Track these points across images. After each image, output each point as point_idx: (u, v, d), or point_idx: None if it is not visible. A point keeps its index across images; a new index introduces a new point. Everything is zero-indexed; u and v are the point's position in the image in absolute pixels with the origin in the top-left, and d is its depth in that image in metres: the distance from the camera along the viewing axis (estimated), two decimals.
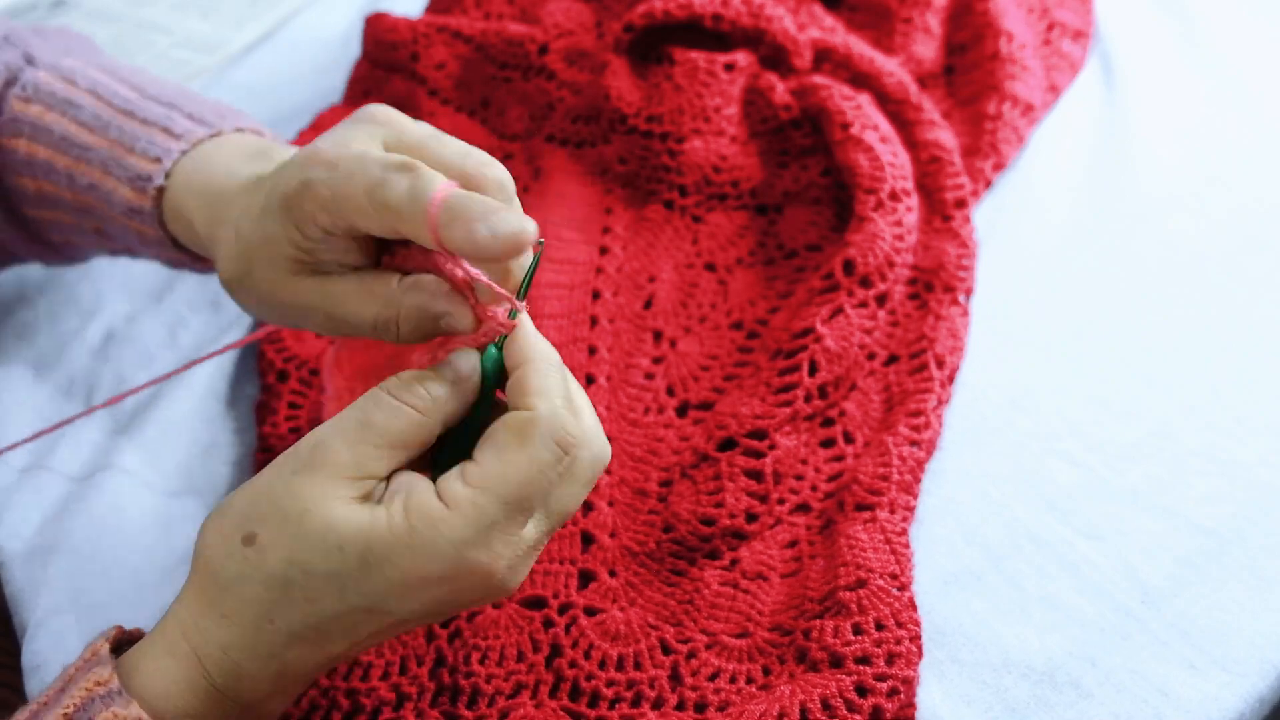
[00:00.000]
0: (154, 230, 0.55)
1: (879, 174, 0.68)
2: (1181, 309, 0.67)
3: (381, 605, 0.40)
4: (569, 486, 0.41)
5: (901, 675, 0.49)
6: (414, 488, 0.40)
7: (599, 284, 0.70)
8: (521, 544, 0.41)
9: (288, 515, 0.39)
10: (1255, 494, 0.58)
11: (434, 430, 0.41)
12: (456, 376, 0.42)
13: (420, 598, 0.40)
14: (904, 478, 0.56)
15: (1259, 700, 0.51)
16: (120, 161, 0.55)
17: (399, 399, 0.41)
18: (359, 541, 0.39)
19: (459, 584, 0.40)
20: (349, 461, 0.40)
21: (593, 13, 0.85)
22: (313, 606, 0.40)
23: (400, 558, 0.39)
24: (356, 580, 0.39)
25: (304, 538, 0.39)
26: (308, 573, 0.39)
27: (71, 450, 0.63)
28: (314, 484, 0.40)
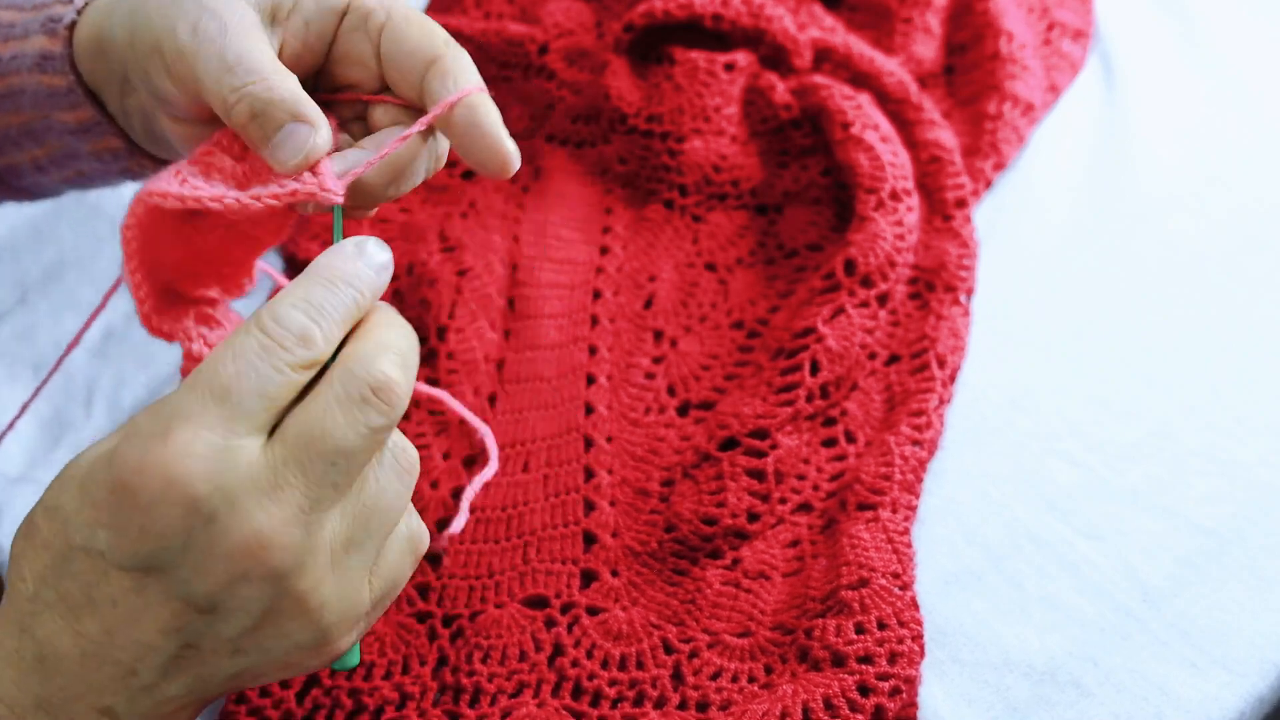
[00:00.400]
0: (64, 78, 0.50)
1: (879, 173, 0.68)
2: (1181, 309, 0.67)
3: (94, 542, 0.35)
4: (317, 402, 0.36)
5: (904, 674, 0.49)
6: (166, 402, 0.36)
7: (599, 283, 0.70)
8: (236, 459, 0.34)
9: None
10: (1255, 494, 0.58)
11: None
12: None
13: (125, 528, 0.34)
14: (906, 477, 0.56)
15: (1259, 700, 0.51)
16: (38, 17, 0.51)
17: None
18: (84, 467, 0.36)
19: (156, 506, 0.34)
20: (141, 415, 0.36)
21: (593, 13, 0.85)
22: (47, 552, 0.36)
23: (101, 473, 0.35)
24: (75, 510, 0.35)
25: (56, 477, 0.37)
26: (45, 509, 0.36)
27: (70, 452, 0.63)
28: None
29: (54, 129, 0.53)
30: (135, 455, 0.34)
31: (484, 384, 0.65)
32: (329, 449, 0.35)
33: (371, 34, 0.43)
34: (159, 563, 0.35)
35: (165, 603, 0.35)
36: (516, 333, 0.67)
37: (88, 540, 0.35)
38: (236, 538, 0.34)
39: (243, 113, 0.40)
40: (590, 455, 0.61)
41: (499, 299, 0.69)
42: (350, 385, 0.35)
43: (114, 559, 0.35)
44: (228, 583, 0.35)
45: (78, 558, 0.35)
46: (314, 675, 0.52)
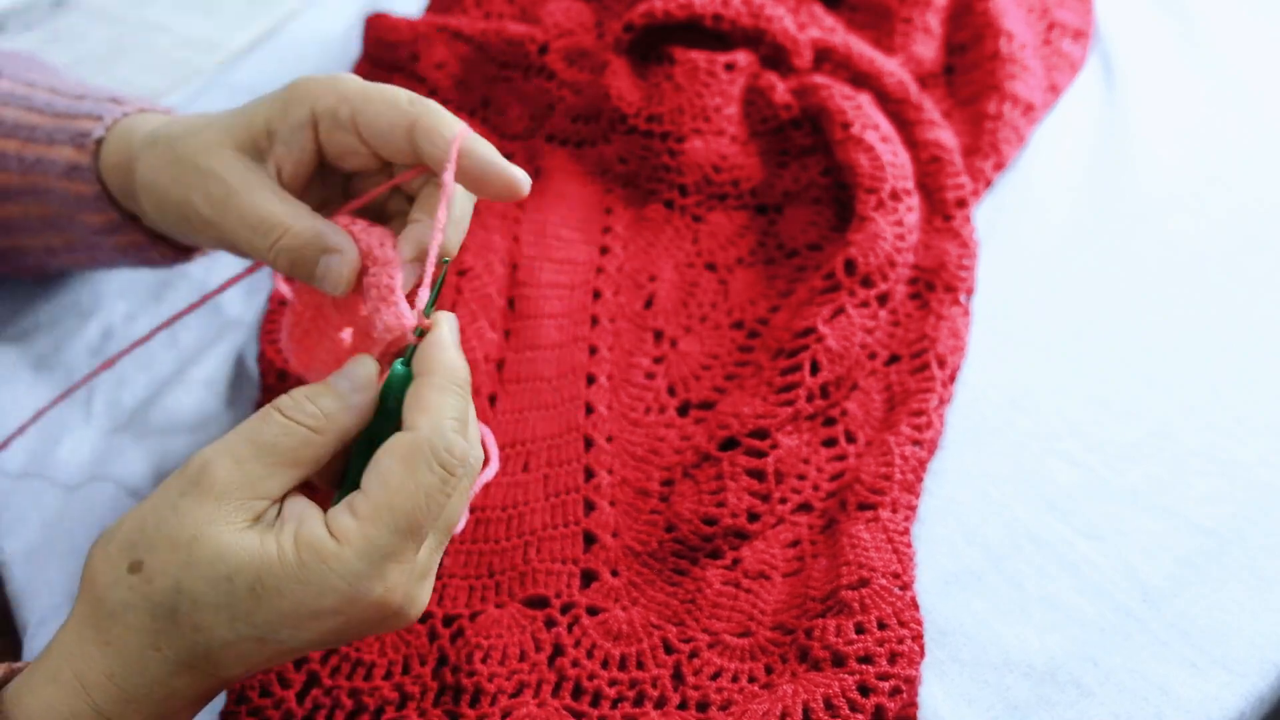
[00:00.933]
0: (90, 186, 0.55)
1: (880, 173, 0.68)
2: (1181, 309, 0.67)
3: (273, 635, 0.39)
4: (456, 501, 0.41)
5: (904, 674, 0.49)
6: (304, 518, 0.40)
7: (599, 283, 0.70)
8: (416, 569, 0.41)
9: (176, 541, 0.38)
10: (1255, 494, 0.58)
11: (329, 447, 0.41)
12: (351, 388, 0.42)
13: (314, 628, 0.39)
14: (906, 477, 0.56)
15: (1259, 699, 0.51)
16: (65, 128, 0.56)
17: (289, 416, 0.40)
18: (249, 572, 0.38)
19: (354, 615, 0.40)
20: (238, 482, 0.39)
21: (593, 12, 0.85)
22: (201, 635, 0.39)
23: (291, 591, 0.38)
24: (247, 611, 0.38)
25: (192, 565, 0.38)
26: (196, 602, 0.38)
27: (70, 452, 0.63)
28: (202, 508, 0.39)
29: (78, 226, 0.57)
30: (348, 589, 0.39)
31: (484, 384, 0.65)
32: (431, 518, 0.41)
33: (349, 128, 0.46)
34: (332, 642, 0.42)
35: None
36: (516, 333, 0.67)
37: (266, 634, 0.39)
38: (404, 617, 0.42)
39: (284, 266, 0.45)
40: (590, 455, 0.61)
41: (499, 299, 0.69)
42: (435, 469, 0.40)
43: (289, 644, 0.40)
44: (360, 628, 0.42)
45: (247, 642, 0.39)
46: (314, 674, 0.52)
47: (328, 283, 0.45)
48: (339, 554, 0.39)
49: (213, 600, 0.38)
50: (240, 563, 0.38)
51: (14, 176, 0.58)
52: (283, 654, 0.41)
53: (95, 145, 0.55)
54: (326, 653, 0.53)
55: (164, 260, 0.60)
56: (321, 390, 0.41)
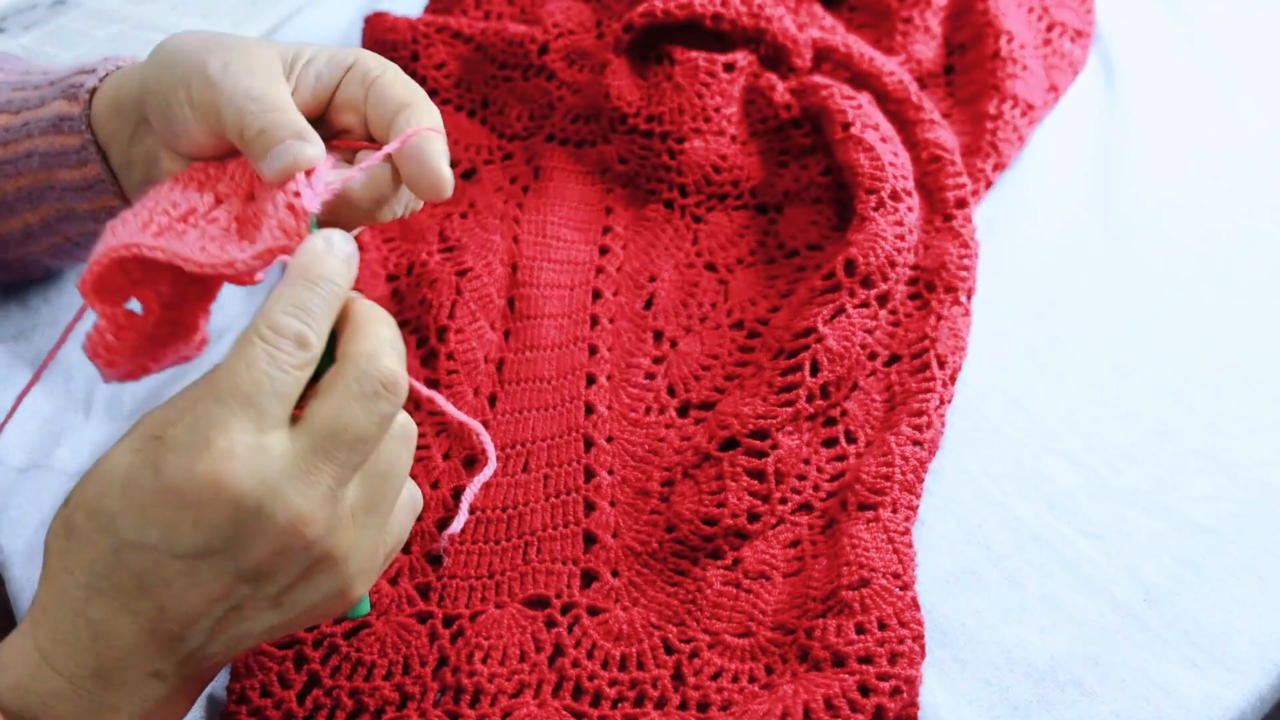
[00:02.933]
0: (79, 136, 0.55)
1: (880, 173, 0.68)
2: (1182, 308, 0.67)
3: (144, 539, 0.39)
4: (334, 397, 0.40)
5: (904, 674, 0.49)
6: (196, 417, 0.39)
7: (599, 284, 0.70)
8: (270, 455, 0.39)
9: (89, 469, 0.40)
10: (1256, 493, 0.58)
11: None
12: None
13: (178, 526, 0.38)
14: (906, 477, 0.56)
15: (1260, 699, 0.51)
16: (57, 86, 0.56)
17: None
18: (120, 472, 0.39)
19: (207, 506, 0.38)
20: (151, 420, 0.41)
21: (593, 12, 0.85)
22: (94, 549, 0.40)
23: (145, 479, 0.39)
24: (120, 512, 0.39)
25: (87, 478, 0.40)
26: (86, 511, 0.40)
27: (70, 452, 0.63)
28: (117, 442, 0.40)
29: (55, 189, 0.57)
30: (183, 464, 0.38)
31: (484, 384, 0.65)
32: (350, 438, 0.40)
33: (366, 85, 0.48)
34: (211, 549, 0.39)
35: (216, 579, 0.40)
36: (516, 333, 0.67)
37: (139, 537, 0.39)
38: (281, 520, 0.39)
39: (253, 128, 0.45)
40: (590, 455, 0.61)
41: (499, 299, 0.69)
42: (364, 383, 0.40)
43: (167, 550, 0.39)
44: (272, 555, 0.40)
45: (130, 550, 0.39)
46: (315, 675, 0.52)
47: (279, 158, 0.45)
48: (173, 431, 0.39)
49: (95, 505, 0.40)
50: (115, 465, 0.40)
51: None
52: (176, 574, 0.40)
53: (89, 95, 0.55)
54: (327, 653, 0.53)
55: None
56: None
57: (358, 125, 0.49)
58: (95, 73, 0.56)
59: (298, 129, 0.45)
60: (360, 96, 0.49)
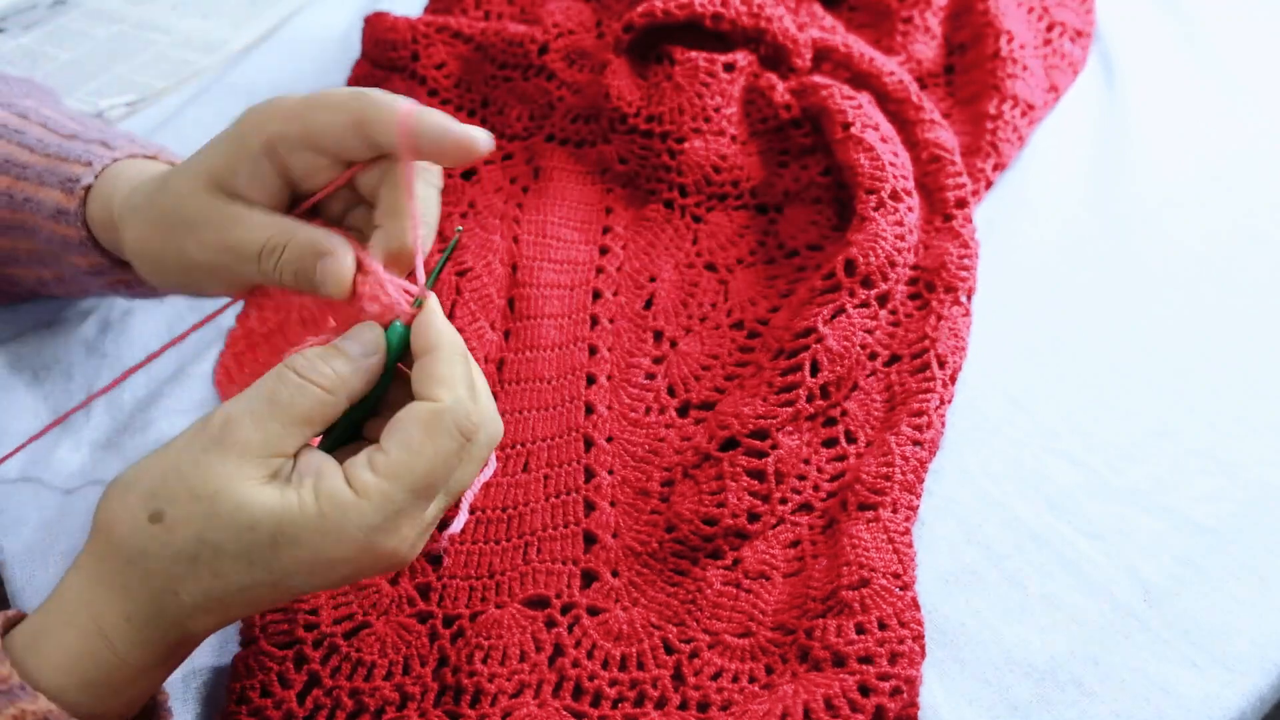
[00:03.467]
0: (76, 231, 0.56)
1: (880, 173, 0.68)
2: (1182, 308, 0.67)
3: (286, 581, 0.41)
4: (467, 467, 0.43)
5: (904, 674, 0.49)
6: (323, 471, 0.41)
7: (599, 284, 0.70)
8: (423, 523, 0.43)
9: (198, 494, 0.40)
10: (1256, 493, 0.58)
11: (340, 407, 0.43)
12: (362, 352, 0.44)
13: (326, 575, 0.42)
14: (906, 477, 0.56)
15: (1260, 699, 0.51)
16: (54, 170, 0.57)
17: (305, 377, 0.42)
18: (270, 522, 0.40)
19: (363, 563, 0.42)
20: (259, 440, 0.41)
21: (593, 12, 0.85)
22: (219, 581, 0.41)
23: (310, 540, 0.40)
24: (266, 559, 0.40)
25: (215, 517, 0.40)
26: (218, 551, 0.40)
27: (70, 451, 0.63)
28: (225, 463, 0.40)
29: (67, 265, 0.59)
30: (363, 539, 0.41)
31: None
32: (463, 488, 0.45)
33: (304, 145, 0.47)
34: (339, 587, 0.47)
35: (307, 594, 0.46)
36: (516, 333, 0.67)
37: (282, 580, 0.41)
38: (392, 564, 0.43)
39: (289, 280, 0.47)
40: (590, 455, 0.61)
41: (499, 299, 0.69)
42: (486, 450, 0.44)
43: (301, 590, 0.42)
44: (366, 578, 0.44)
45: (262, 588, 0.41)
46: (315, 675, 0.52)
47: (329, 284, 0.46)
48: (358, 506, 0.41)
49: (234, 550, 0.40)
50: (261, 514, 0.40)
51: (5, 212, 0.59)
52: (290, 596, 0.43)
53: (84, 192, 0.56)
54: (327, 653, 0.53)
55: (158, 293, 0.62)
56: (333, 353, 0.43)
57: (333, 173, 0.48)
58: (90, 167, 0.56)
59: (315, 246, 0.46)
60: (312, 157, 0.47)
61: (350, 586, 0.55)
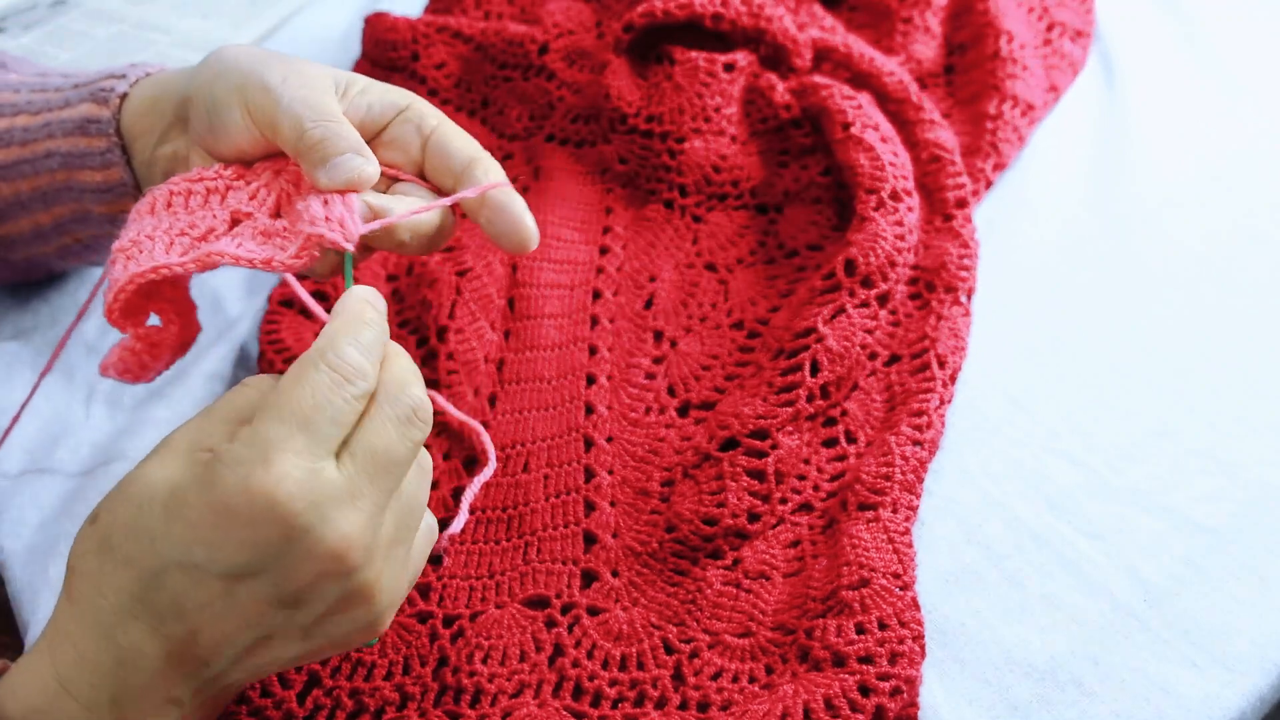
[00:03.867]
0: (105, 140, 0.57)
1: (880, 173, 0.68)
2: (1182, 308, 0.67)
3: (189, 557, 0.39)
4: (375, 424, 0.41)
5: (904, 674, 0.49)
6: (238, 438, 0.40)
7: (599, 284, 0.70)
8: (323, 479, 0.39)
9: (118, 486, 0.41)
10: (1256, 493, 0.58)
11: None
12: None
13: (225, 543, 0.39)
14: (906, 477, 0.56)
15: (1260, 699, 0.51)
16: (84, 89, 0.58)
17: (248, 383, 0.43)
18: (163, 490, 0.40)
19: (258, 524, 0.38)
20: (189, 438, 0.41)
21: (593, 13, 0.85)
22: (132, 569, 0.40)
23: (194, 495, 0.39)
24: (163, 531, 0.39)
25: (120, 496, 0.41)
26: (125, 529, 0.40)
27: (70, 451, 0.63)
28: (148, 459, 0.41)
29: (73, 189, 0.59)
30: (238, 480, 0.38)
31: (484, 384, 0.65)
32: (389, 461, 0.41)
33: (423, 131, 0.51)
34: (255, 569, 0.39)
35: (253, 603, 0.40)
36: (516, 333, 0.67)
37: (184, 555, 0.39)
38: (328, 544, 0.40)
39: (314, 135, 0.48)
40: (590, 455, 0.61)
41: (499, 299, 0.69)
42: (398, 409, 0.42)
43: (210, 569, 0.39)
44: (313, 580, 0.40)
45: (171, 571, 0.39)
46: (315, 675, 0.52)
47: (339, 170, 0.47)
48: (231, 449, 0.39)
49: (134, 524, 0.40)
50: (157, 484, 0.40)
51: (15, 150, 0.59)
52: (218, 597, 0.40)
53: (119, 99, 0.57)
54: None
55: None
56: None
57: (402, 163, 0.52)
58: (126, 78, 0.57)
59: (356, 145, 0.48)
60: (413, 140, 0.51)
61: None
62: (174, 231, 0.48)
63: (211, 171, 0.51)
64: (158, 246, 0.47)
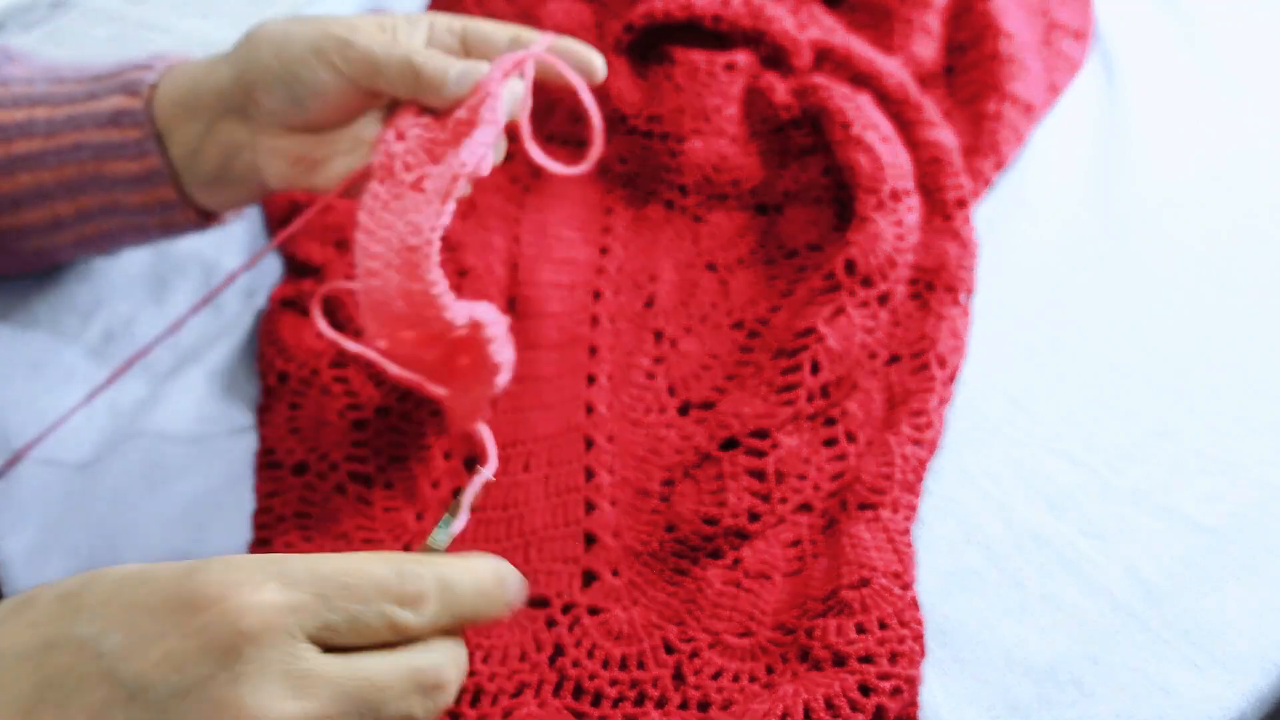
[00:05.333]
0: (138, 131, 0.58)
1: (879, 174, 0.68)
2: (1182, 308, 0.67)
3: (100, 640, 0.33)
4: (390, 660, 0.37)
5: (905, 674, 0.49)
6: None
7: (599, 283, 0.70)
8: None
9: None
10: (1256, 493, 0.58)
11: None
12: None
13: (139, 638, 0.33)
14: (906, 477, 0.56)
15: (1260, 699, 0.51)
16: (110, 82, 0.59)
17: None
18: (130, 575, 0.35)
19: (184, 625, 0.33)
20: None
21: (593, 13, 0.85)
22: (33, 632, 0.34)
23: (167, 582, 0.34)
24: (97, 606, 0.34)
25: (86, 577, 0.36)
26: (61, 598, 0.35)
27: (72, 449, 0.63)
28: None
29: (102, 181, 0.60)
30: (217, 581, 0.34)
31: None
32: (371, 703, 0.35)
33: (454, 32, 0.57)
34: (154, 694, 0.33)
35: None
36: (517, 332, 0.67)
37: (95, 636, 0.33)
38: (244, 706, 0.32)
39: (428, 66, 0.53)
40: (591, 455, 0.61)
41: (499, 299, 0.69)
42: (422, 673, 0.37)
43: (111, 665, 0.33)
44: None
45: (66, 647, 0.34)
46: None
47: (459, 78, 0.54)
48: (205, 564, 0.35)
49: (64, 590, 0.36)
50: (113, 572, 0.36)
51: (37, 141, 0.60)
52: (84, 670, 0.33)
53: (149, 90, 0.58)
54: None
55: (184, 224, 0.62)
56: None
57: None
58: (153, 69, 0.59)
59: (464, 64, 0.54)
60: (454, 45, 0.57)
61: None
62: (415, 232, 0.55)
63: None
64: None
